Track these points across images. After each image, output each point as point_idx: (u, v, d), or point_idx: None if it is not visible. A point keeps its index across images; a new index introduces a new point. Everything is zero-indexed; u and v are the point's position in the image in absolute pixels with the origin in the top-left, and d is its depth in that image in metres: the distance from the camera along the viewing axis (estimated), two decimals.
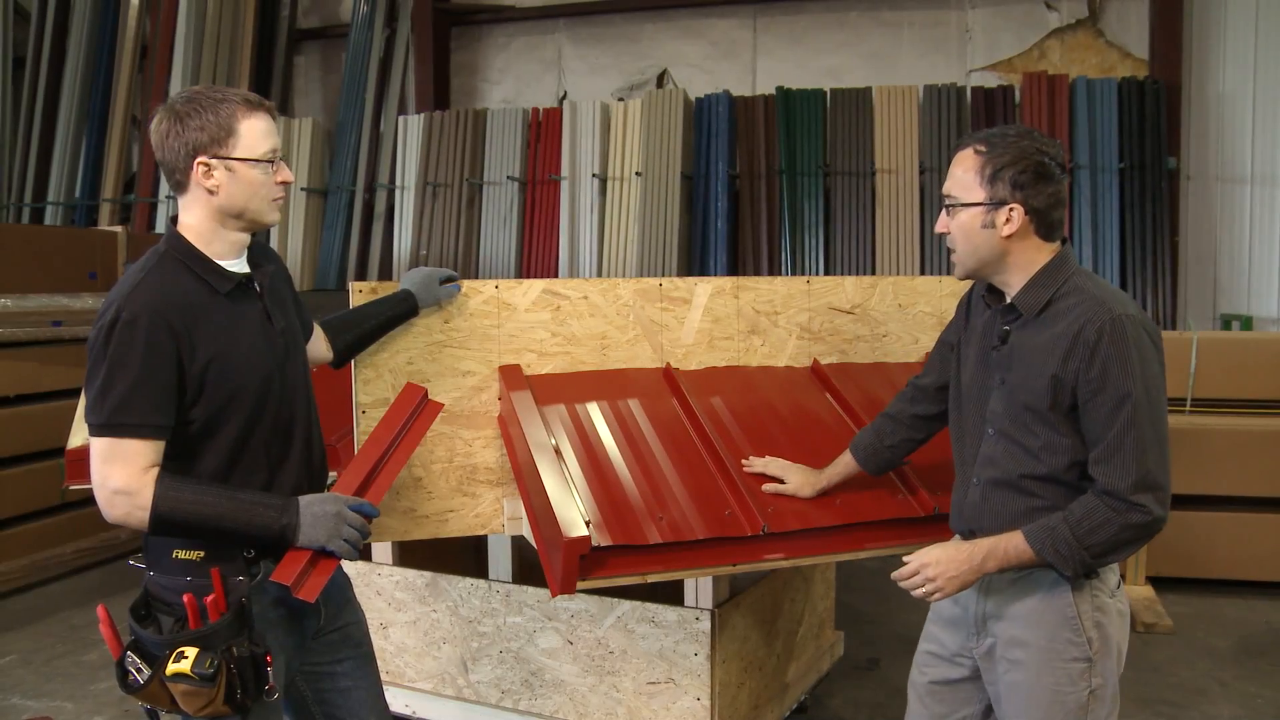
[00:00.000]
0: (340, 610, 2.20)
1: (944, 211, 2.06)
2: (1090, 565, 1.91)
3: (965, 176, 2.00)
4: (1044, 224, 1.99)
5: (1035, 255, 2.00)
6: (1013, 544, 1.93)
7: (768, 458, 2.65)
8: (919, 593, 1.99)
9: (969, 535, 2.08)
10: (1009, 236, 1.97)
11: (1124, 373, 1.86)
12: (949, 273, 2.20)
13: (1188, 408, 5.11)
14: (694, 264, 7.28)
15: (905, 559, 2.03)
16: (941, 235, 2.08)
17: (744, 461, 2.65)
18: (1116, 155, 6.63)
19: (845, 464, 2.54)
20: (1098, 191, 6.64)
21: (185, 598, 1.85)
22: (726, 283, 3.05)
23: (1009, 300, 2.04)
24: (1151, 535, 1.91)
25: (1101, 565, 1.94)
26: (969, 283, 2.24)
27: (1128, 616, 2.06)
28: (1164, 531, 1.94)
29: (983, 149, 1.98)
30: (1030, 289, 1.99)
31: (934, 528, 2.51)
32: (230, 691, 1.84)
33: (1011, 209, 1.96)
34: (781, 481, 2.58)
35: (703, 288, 3.02)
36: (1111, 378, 1.86)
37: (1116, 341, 1.86)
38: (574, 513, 2.30)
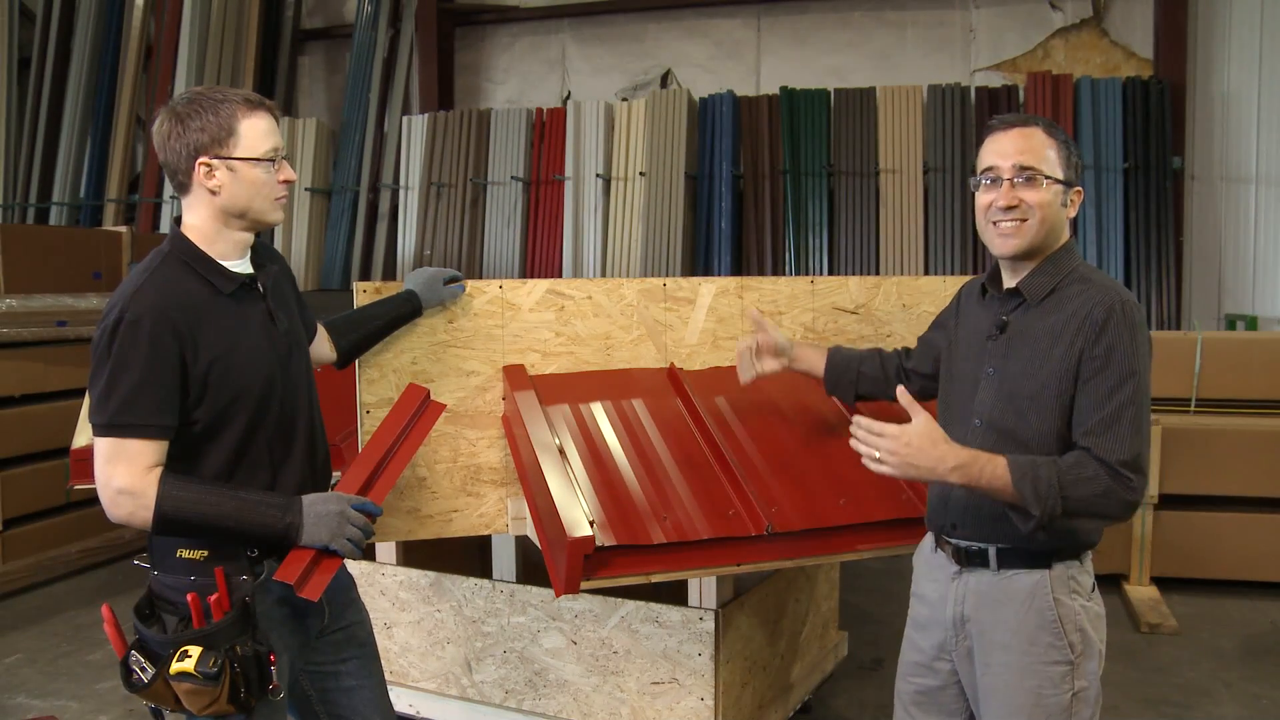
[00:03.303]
0: (344, 610, 2.20)
1: (1015, 184, 1.96)
2: (1056, 518, 1.85)
3: (1049, 153, 1.98)
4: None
5: (1059, 241, 2.04)
6: (993, 465, 1.86)
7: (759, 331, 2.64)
8: (863, 449, 1.90)
9: (950, 531, 2.07)
10: (1070, 218, 2.03)
11: (1129, 354, 1.88)
12: (954, 272, 2.20)
13: (1192, 408, 5.09)
14: (698, 264, 7.28)
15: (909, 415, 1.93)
16: (1010, 208, 1.97)
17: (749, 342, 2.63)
18: (1121, 155, 6.63)
19: (814, 358, 2.57)
20: (1102, 191, 6.63)
21: (189, 597, 1.86)
22: (731, 283, 3.05)
23: (1013, 286, 2.04)
24: (1124, 514, 1.89)
25: (1064, 524, 1.88)
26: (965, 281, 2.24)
27: (1104, 618, 2.05)
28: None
29: (1050, 130, 2.00)
30: (1038, 274, 2.01)
31: None
32: (234, 690, 1.84)
33: (1078, 192, 2.03)
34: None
35: (707, 288, 3.02)
36: (1116, 357, 1.88)
37: (1125, 323, 1.89)
38: (578, 513, 2.30)
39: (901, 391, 1.96)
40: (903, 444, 1.87)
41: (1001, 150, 1.99)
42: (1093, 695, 1.99)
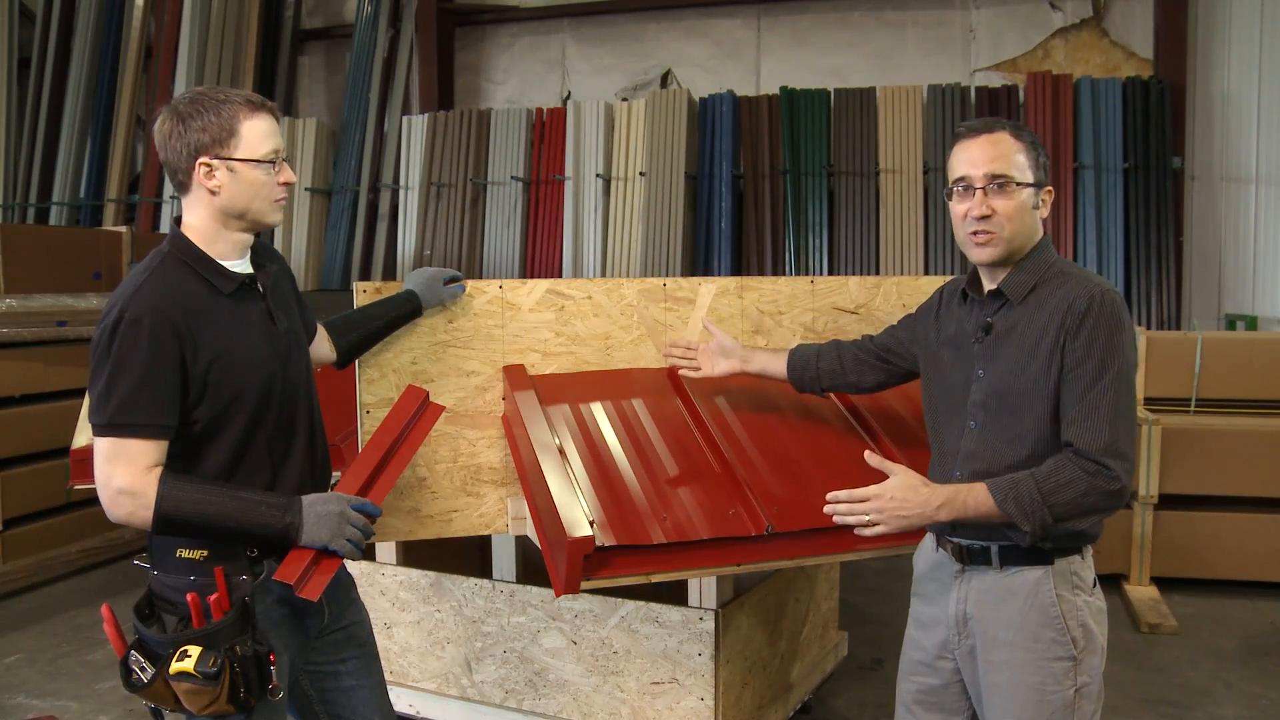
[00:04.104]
0: (344, 610, 2.20)
1: (988, 192, 1.99)
2: (1049, 528, 1.89)
3: (1018, 158, 2.01)
4: None
5: (1033, 240, 2.06)
6: (974, 495, 1.93)
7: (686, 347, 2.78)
8: (853, 520, 1.97)
9: (952, 530, 2.07)
10: (1043, 218, 2.05)
11: (1109, 344, 1.91)
12: (954, 273, 2.21)
13: (1192, 408, 5.09)
14: (698, 264, 7.28)
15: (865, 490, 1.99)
16: (984, 218, 1.99)
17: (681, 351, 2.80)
18: (1121, 155, 6.63)
19: (777, 365, 2.64)
20: (1102, 191, 6.63)
21: (189, 597, 1.86)
22: (731, 282, 3.05)
23: (995, 287, 2.06)
24: (1115, 506, 1.92)
25: (1059, 530, 1.91)
26: None
27: (1106, 613, 2.06)
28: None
29: (1018, 133, 2.02)
30: (1018, 273, 2.03)
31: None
32: (234, 690, 1.84)
33: (1049, 191, 2.05)
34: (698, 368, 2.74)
35: (707, 288, 3.02)
36: (1097, 347, 1.91)
37: (1105, 314, 1.92)
38: (578, 513, 2.30)
39: (869, 454, 2.03)
40: (887, 500, 1.95)
41: (972, 159, 2.02)
42: (1095, 691, 2.00)
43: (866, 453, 2.03)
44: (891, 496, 1.95)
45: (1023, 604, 1.98)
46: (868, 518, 1.96)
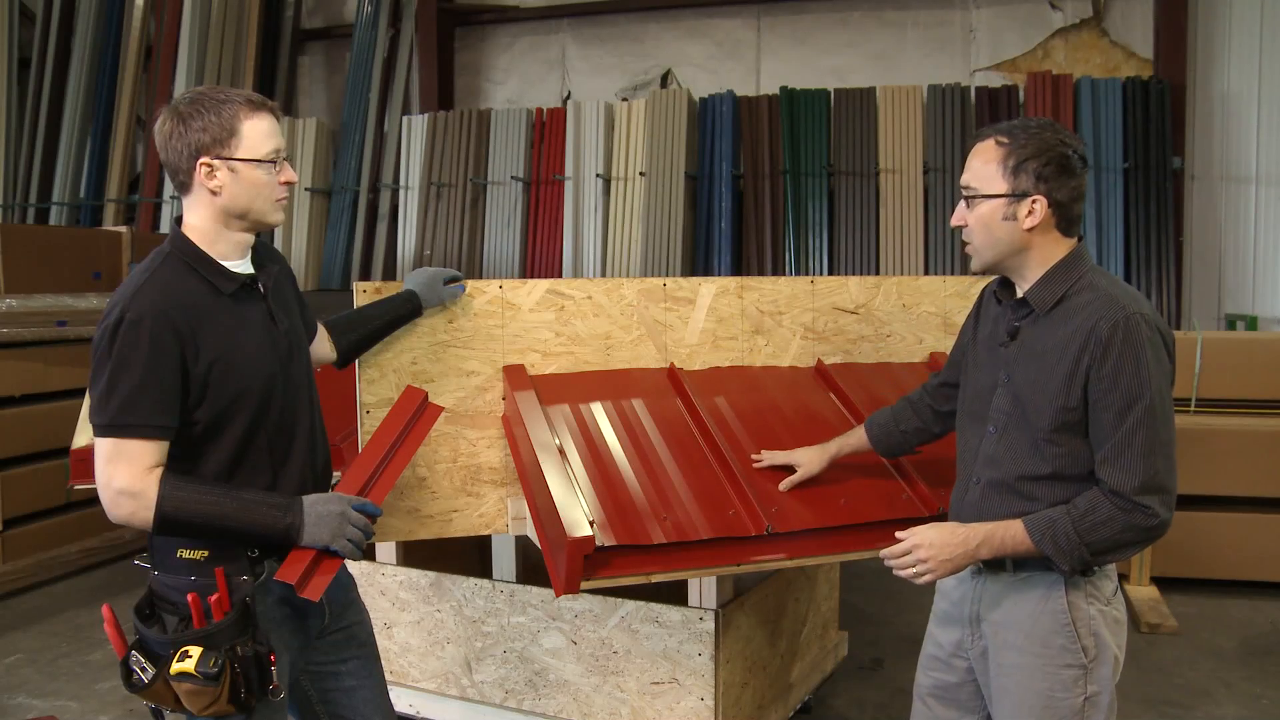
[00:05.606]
0: (344, 610, 2.21)
1: (961, 203, 2.02)
2: (1089, 563, 1.89)
3: (986, 168, 1.97)
4: (1065, 218, 1.97)
5: (1053, 249, 1.98)
6: (1011, 532, 1.92)
7: (768, 452, 2.66)
8: (907, 573, 1.98)
9: None
10: (1030, 229, 1.95)
11: (1136, 372, 1.84)
12: (954, 273, 2.21)
13: (1192, 408, 5.10)
14: (698, 264, 7.28)
15: (898, 534, 2.01)
16: (957, 229, 2.04)
17: (754, 457, 2.66)
18: (1121, 155, 6.62)
19: (856, 438, 2.56)
20: (1102, 192, 6.63)
21: (189, 597, 1.86)
22: (731, 283, 3.05)
23: (1022, 295, 2.02)
24: (1155, 538, 1.91)
25: (1099, 564, 1.92)
26: (974, 284, 2.23)
27: (1124, 624, 2.04)
28: (1169, 532, 1.93)
29: (1005, 140, 1.96)
30: (1044, 284, 1.98)
31: None
32: (234, 690, 1.85)
33: (1035, 201, 1.94)
34: (792, 470, 2.59)
35: (707, 288, 3.02)
36: (1124, 376, 1.85)
37: (1130, 340, 1.85)
38: (578, 513, 2.30)
39: (886, 550, 2.04)
40: (926, 552, 1.96)
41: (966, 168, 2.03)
42: (1106, 701, 1.98)
43: (886, 550, 2.04)
44: (931, 543, 1.96)
45: (1034, 609, 1.97)
46: (914, 569, 1.98)
